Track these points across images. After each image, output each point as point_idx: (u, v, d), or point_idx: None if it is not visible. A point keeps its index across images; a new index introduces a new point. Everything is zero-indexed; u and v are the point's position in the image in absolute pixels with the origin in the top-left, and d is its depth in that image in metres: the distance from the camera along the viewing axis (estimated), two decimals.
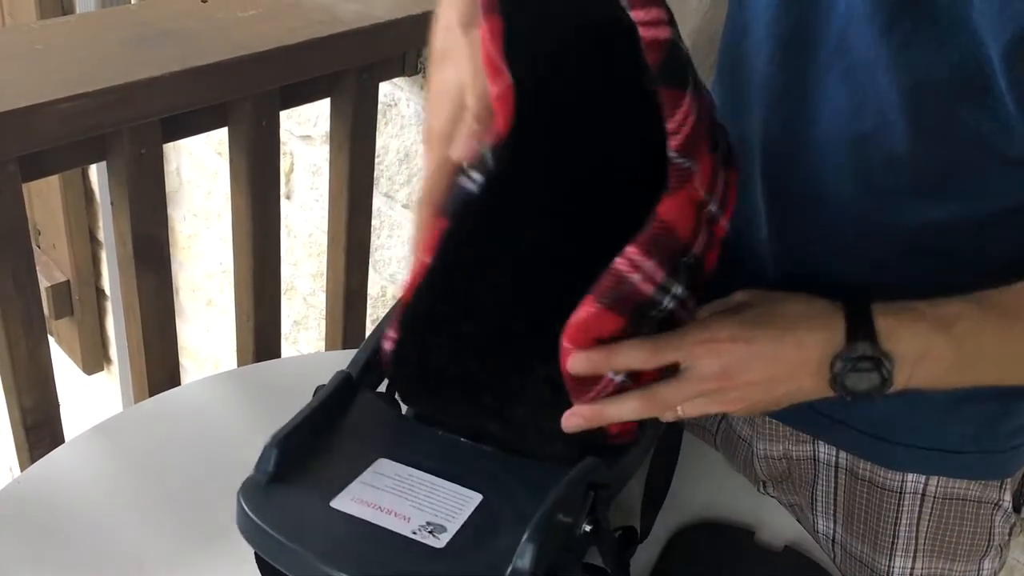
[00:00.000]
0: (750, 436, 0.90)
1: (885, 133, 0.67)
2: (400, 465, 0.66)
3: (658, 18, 0.55)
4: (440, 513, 0.62)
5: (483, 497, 0.64)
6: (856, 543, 0.87)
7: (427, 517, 0.62)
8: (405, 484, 0.64)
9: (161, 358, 1.16)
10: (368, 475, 0.64)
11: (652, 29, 0.55)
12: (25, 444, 1.08)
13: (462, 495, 0.64)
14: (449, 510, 0.63)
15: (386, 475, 0.65)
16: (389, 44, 1.17)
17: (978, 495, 0.82)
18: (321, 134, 1.49)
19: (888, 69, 0.65)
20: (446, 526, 0.61)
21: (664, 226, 0.59)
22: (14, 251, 0.96)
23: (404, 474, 0.65)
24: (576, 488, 0.63)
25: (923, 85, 0.64)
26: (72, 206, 2.05)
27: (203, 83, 1.00)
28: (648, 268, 0.61)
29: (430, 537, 0.60)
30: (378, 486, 0.64)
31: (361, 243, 1.29)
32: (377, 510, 0.62)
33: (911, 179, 0.67)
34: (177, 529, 0.81)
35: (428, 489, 0.64)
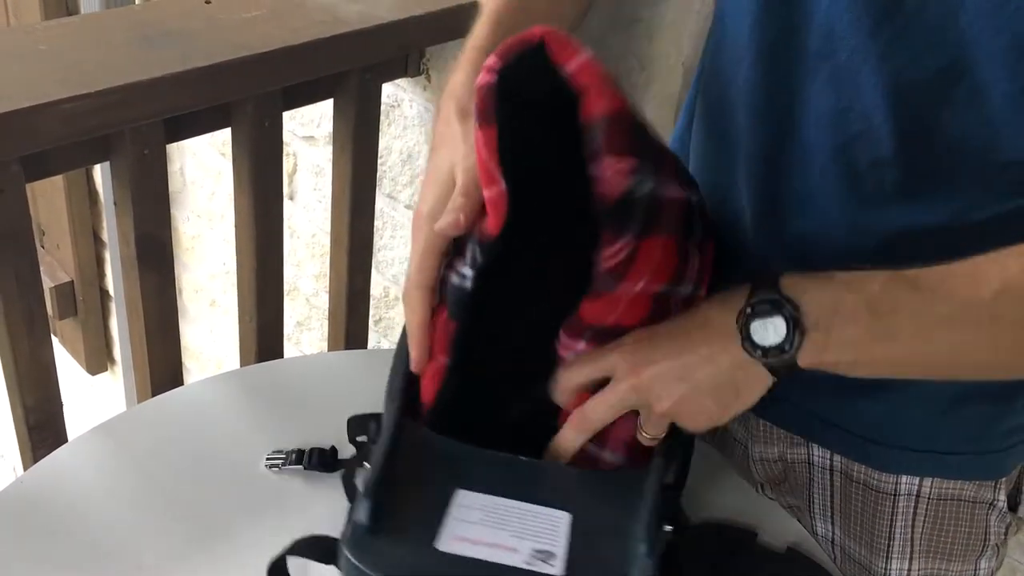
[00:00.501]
0: (745, 439, 0.90)
1: (870, 137, 0.67)
2: (480, 495, 0.65)
3: (623, 169, 0.60)
4: (541, 538, 0.62)
5: (570, 515, 0.64)
6: (853, 545, 0.87)
7: (532, 544, 0.62)
8: (494, 514, 0.64)
9: (164, 358, 1.16)
10: (457, 511, 0.64)
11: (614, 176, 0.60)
12: (28, 443, 1.08)
13: (552, 516, 0.64)
14: (548, 534, 0.63)
15: (474, 507, 0.65)
16: (392, 45, 1.17)
17: (973, 495, 0.82)
18: (324, 135, 1.49)
19: (873, 72, 0.65)
20: (553, 551, 0.62)
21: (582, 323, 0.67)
22: (18, 251, 0.96)
23: (489, 504, 0.65)
24: (660, 493, 0.64)
25: (908, 88, 0.64)
26: (76, 207, 2.06)
27: (206, 83, 1.00)
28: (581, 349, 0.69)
29: (544, 564, 0.61)
30: (472, 520, 0.63)
31: (364, 244, 1.29)
32: (483, 546, 0.62)
33: (897, 183, 0.67)
34: (179, 529, 0.81)
35: (517, 515, 0.64)
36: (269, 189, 1.15)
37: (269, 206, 1.16)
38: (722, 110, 0.77)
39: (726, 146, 0.77)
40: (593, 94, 0.60)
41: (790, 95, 0.70)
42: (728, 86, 0.75)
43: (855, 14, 0.64)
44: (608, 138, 0.60)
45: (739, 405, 0.67)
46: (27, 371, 1.04)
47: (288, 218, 1.51)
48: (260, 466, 0.87)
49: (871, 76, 0.65)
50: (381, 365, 0.79)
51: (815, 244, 0.73)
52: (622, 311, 0.67)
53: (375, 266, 1.42)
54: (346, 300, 1.32)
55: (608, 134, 0.60)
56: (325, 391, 0.97)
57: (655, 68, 1.30)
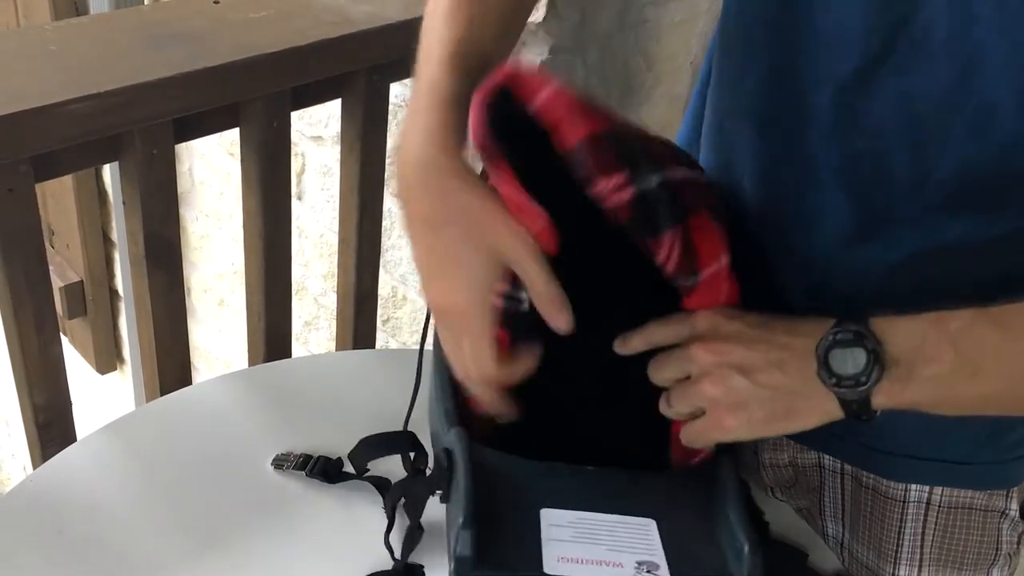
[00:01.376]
0: (755, 444, 0.90)
1: (878, 153, 0.66)
2: (563, 512, 0.65)
3: (619, 183, 0.59)
4: (639, 549, 0.62)
5: (655, 521, 0.64)
6: (862, 549, 0.87)
7: (634, 557, 0.62)
8: (586, 530, 0.63)
9: (172, 357, 1.17)
10: (548, 531, 0.63)
11: (615, 193, 0.59)
12: (37, 442, 1.08)
13: (639, 524, 0.64)
14: (642, 544, 0.62)
15: (563, 525, 0.64)
16: (400, 45, 1.17)
17: (984, 504, 0.82)
18: (332, 135, 1.50)
19: (881, 88, 0.64)
20: (655, 561, 0.61)
21: None
22: (27, 250, 0.97)
23: (575, 519, 0.64)
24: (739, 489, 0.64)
25: (917, 104, 0.63)
26: (86, 207, 2.06)
27: (214, 84, 1.00)
28: None
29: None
30: (566, 539, 0.62)
31: (372, 243, 1.30)
32: (589, 564, 0.61)
33: (905, 200, 0.66)
34: (186, 527, 0.81)
35: (607, 529, 0.64)
36: (277, 189, 1.15)
37: (277, 206, 1.16)
38: (727, 122, 0.77)
39: (730, 158, 0.77)
40: (563, 127, 0.59)
41: (795, 110, 0.69)
42: (733, 99, 0.75)
43: (864, 29, 0.63)
44: (592, 161, 0.59)
45: (783, 427, 0.64)
46: (37, 370, 1.04)
47: (296, 218, 1.52)
48: (267, 466, 0.87)
49: (879, 92, 0.64)
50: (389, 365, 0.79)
51: (822, 258, 0.72)
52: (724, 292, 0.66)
53: (383, 266, 1.43)
54: (354, 300, 1.32)
55: (590, 158, 0.59)
56: (333, 391, 0.97)
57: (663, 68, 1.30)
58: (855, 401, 0.61)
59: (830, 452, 0.85)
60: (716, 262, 0.64)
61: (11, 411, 2.53)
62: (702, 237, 0.63)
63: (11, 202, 0.93)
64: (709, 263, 0.64)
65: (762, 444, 0.89)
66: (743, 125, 0.74)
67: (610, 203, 0.60)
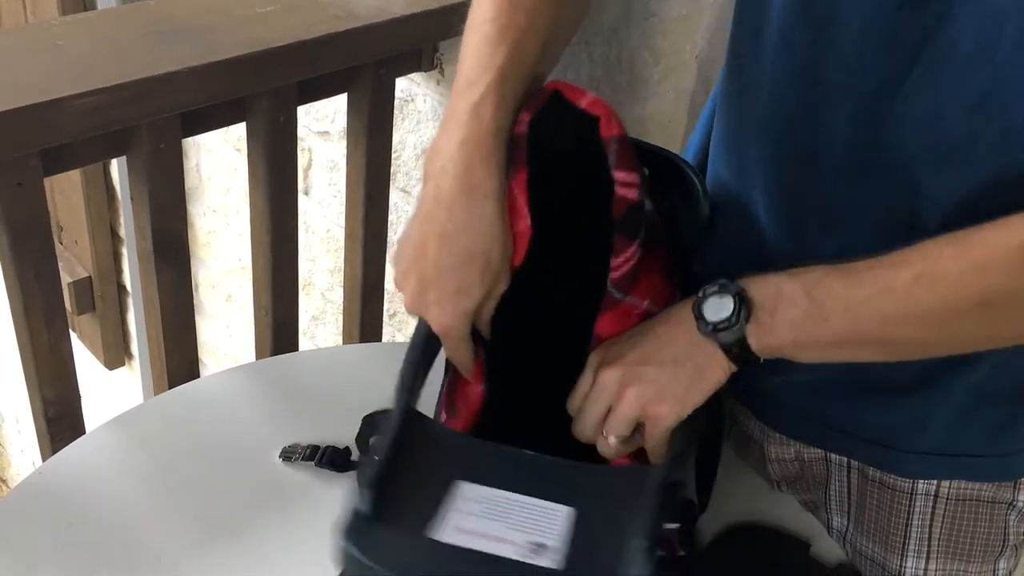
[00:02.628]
0: (761, 439, 0.90)
1: (896, 170, 0.67)
2: (483, 487, 0.66)
3: (632, 182, 0.69)
4: (539, 532, 0.63)
5: (573, 509, 0.65)
6: (868, 542, 0.86)
7: (528, 538, 0.62)
8: (495, 507, 0.65)
9: (180, 352, 1.17)
10: (456, 502, 0.65)
11: (625, 189, 0.69)
12: (47, 436, 1.09)
13: (553, 510, 0.65)
14: (545, 527, 0.63)
15: (473, 499, 0.65)
16: (406, 39, 1.17)
17: (991, 496, 0.82)
18: (339, 130, 1.50)
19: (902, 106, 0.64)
20: (548, 543, 0.62)
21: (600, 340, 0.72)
22: (36, 245, 0.97)
23: (490, 496, 0.65)
24: (667, 491, 0.64)
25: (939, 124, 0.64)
26: (94, 203, 2.06)
27: (221, 78, 1.01)
28: None
29: (537, 557, 0.61)
30: (471, 512, 0.64)
31: (378, 238, 1.30)
32: (478, 537, 0.62)
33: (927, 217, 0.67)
34: (194, 520, 0.82)
35: (518, 508, 0.65)
36: (284, 184, 1.15)
37: (284, 201, 1.16)
38: (740, 134, 0.77)
39: (744, 170, 0.77)
40: (605, 121, 0.70)
41: (811, 124, 0.70)
42: (747, 110, 0.75)
43: (886, 47, 0.64)
44: (619, 155, 0.69)
45: (703, 388, 0.69)
46: (46, 364, 1.05)
47: (303, 213, 1.52)
48: (274, 458, 0.87)
49: (899, 110, 0.65)
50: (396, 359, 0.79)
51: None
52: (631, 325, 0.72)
53: (389, 260, 1.43)
54: (360, 294, 1.32)
55: (619, 151, 0.69)
56: (339, 384, 0.97)
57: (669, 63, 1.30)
58: (734, 343, 0.66)
59: (839, 452, 0.85)
60: (642, 299, 0.72)
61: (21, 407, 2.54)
62: (645, 275, 0.71)
63: (20, 196, 0.93)
64: (638, 294, 0.71)
65: (768, 439, 0.89)
66: (755, 141, 0.74)
67: (619, 192, 0.69)
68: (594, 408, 0.70)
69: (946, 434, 0.80)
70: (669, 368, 0.68)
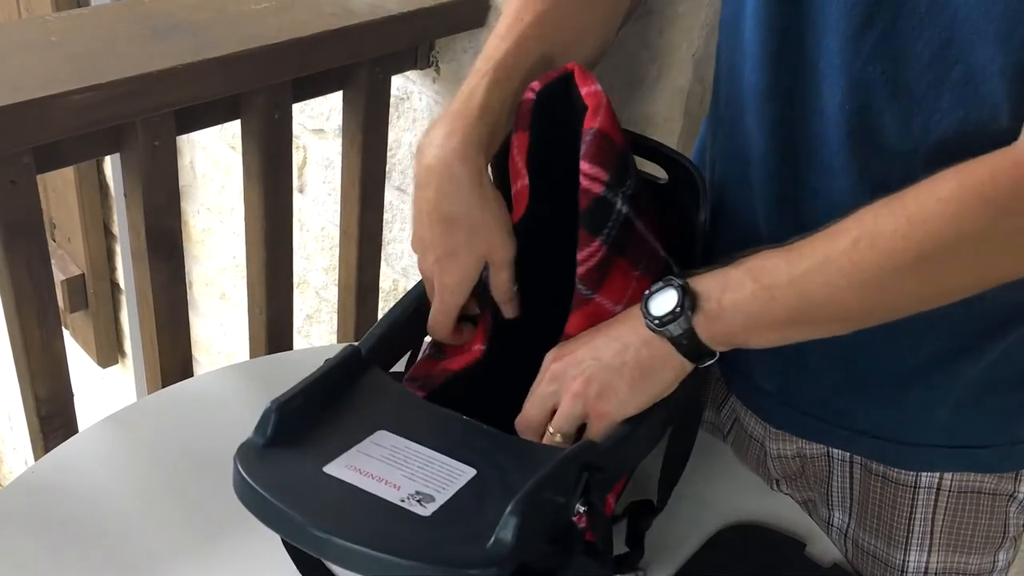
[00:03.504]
0: (762, 436, 0.90)
1: (874, 128, 0.68)
2: (398, 438, 0.67)
3: (599, 177, 0.69)
4: (431, 485, 0.63)
5: (476, 472, 0.65)
6: (870, 537, 0.87)
7: (417, 487, 0.63)
8: (400, 455, 0.66)
9: (173, 350, 1.16)
10: (365, 444, 0.66)
11: (589, 182, 0.69)
12: (39, 434, 1.09)
13: (456, 469, 0.65)
14: (441, 482, 0.64)
15: (383, 446, 0.66)
16: (401, 37, 1.17)
17: (993, 487, 0.82)
18: (334, 128, 1.49)
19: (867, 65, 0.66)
20: (435, 496, 0.62)
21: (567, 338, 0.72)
22: (29, 242, 0.97)
23: (401, 446, 0.66)
24: (567, 468, 0.64)
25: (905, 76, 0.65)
26: (87, 200, 2.06)
27: (216, 75, 1.00)
28: None
29: (417, 506, 0.61)
30: (373, 455, 0.65)
31: (373, 237, 1.29)
32: (368, 477, 0.63)
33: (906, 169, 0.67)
34: (188, 519, 0.81)
35: (423, 462, 0.65)
36: (278, 182, 1.15)
37: (278, 199, 1.16)
38: (732, 111, 0.78)
39: (739, 146, 0.78)
40: (592, 113, 0.70)
41: (793, 96, 0.71)
42: (736, 88, 0.76)
43: (843, 11, 0.66)
44: (590, 147, 0.68)
45: (650, 388, 0.69)
46: (39, 362, 1.04)
47: (298, 211, 1.51)
48: None
49: (866, 69, 0.66)
50: None
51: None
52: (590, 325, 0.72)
53: (384, 259, 1.42)
54: (355, 293, 1.32)
55: (592, 144, 0.68)
56: None
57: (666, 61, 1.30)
58: (683, 336, 0.67)
59: (844, 448, 0.85)
60: (615, 303, 0.72)
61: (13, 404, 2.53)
62: (617, 277, 0.71)
63: (13, 193, 0.93)
64: (607, 296, 0.71)
65: (769, 435, 0.88)
66: (746, 114, 0.75)
67: (583, 184, 0.69)
68: (539, 403, 0.71)
69: (951, 426, 0.80)
70: (616, 366, 0.68)
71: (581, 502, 0.64)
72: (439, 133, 0.71)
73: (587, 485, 0.64)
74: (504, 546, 0.58)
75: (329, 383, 0.69)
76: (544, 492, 0.61)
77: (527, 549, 0.59)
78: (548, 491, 0.62)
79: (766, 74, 0.72)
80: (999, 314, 0.75)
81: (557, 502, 0.63)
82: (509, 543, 0.58)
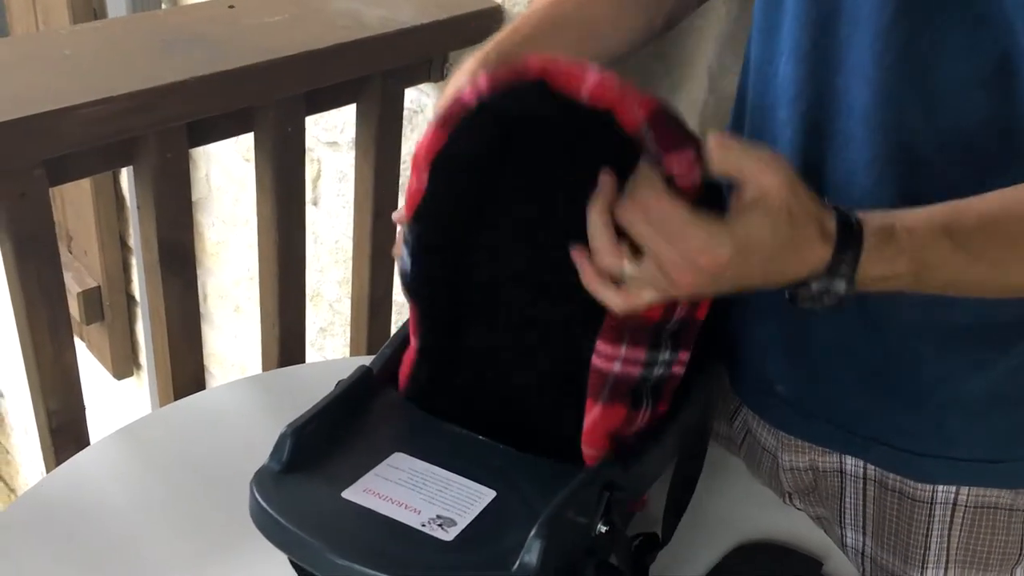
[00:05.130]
0: (775, 447, 0.88)
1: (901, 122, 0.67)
2: (415, 460, 0.66)
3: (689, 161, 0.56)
4: (451, 508, 0.62)
5: (496, 494, 0.64)
6: (887, 555, 0.85)
7: (438, 511, 0.62)
8: (419, 478, 0.65)
9: (187, 362, 1.16)
10: (382, 468, 0.65)
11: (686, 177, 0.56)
12: (51, 447, 1.09)
13: (475, 491, 0.64)
14: (461, 505, 0.63)
15: (400, 468, 0.65)
16: (414, 50, 1.17)
17: (1010, 503, 0.81)
18: (348, 140, 1.49)
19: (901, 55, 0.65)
20: (456, 520, 0.61)
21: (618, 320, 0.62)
22: (41, 255, 0.97)
23: (419, 468, 0.65)
24: (589, 488, 0.63)
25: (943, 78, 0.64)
26: (103, 213, 2.07)
27: (228, 88, 1.00)
28: (626, 354, 0.64)
29: (439, 530, 0.60)
30: (391, 479, 0.64)
31: (386, 249, 1.29)
32: (388, 502, 0.62)
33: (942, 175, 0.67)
34: (199, 532, 0.81)
35: (442, 484, 0.64)
36: (292, 194, 1.15)
37: (291, 211, 1.16)
38: (762, 104, 0.77)
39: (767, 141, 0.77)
40: (622, 108, 0.58)
41: (824, 89, 0.70)
42: (769, 82, 0.76)
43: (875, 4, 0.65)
44: (659, 138, 0.57)
45: (780, 269, 0.59)
46: (51, 375, 1.04)
47: (312, 223, 1.51)
48: None
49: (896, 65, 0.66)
50: None
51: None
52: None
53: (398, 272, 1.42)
54: (368, 306, 1.31)
55: (658, 135, 0.57)
56: None
57: (680, 73, 1.29)
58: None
59: (862, 457, 0.83)
60: None
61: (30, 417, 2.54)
62: None
63: (25, 206, 0.93)
64: None
65: (782, 447, 0.87)
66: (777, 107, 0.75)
67: (682, 183, 0.57)
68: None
69: (966, 438, 0.79)
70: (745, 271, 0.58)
71: (603, 522, 0.63)
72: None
73: (608, 504, 0.63)
74: (529, 570, 0.57)
75: (343, 406, 0.68)
76: (567, 513, 0.60)
77: (551, 572, 0.58)
78: (570, 512, 0.61)
79: (800, 67, 0.72)
80: (1015, 326, 0.74)
81: (579, 523, 0.62)
82: (534, 567, 0.57)
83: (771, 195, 0.56)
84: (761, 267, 0.58)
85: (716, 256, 0.56)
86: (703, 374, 0.74)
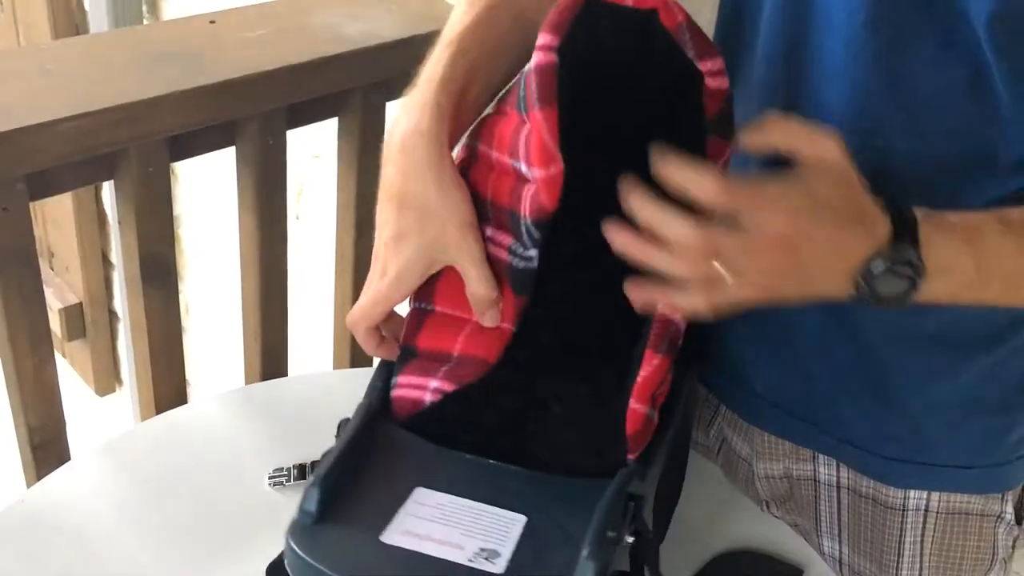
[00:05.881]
0: (750, 456, 0.89)
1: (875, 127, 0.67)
2: (438, 493, 0.65)
3: (718, 69, 0.63)
4: (490, 538, 0.62)
5: (527, 518, 0.64)
6: (863, 563, 0.86)
7: (479, 544, 0.61)
8: (448, 512, 0.64)
9: (168, 376, 1.16)
10: (411, 506, 0.64)
11: (715, 79, 0.63)
12: (32, 463, 1.08)
13: (506, 518, 0.64)
14: (498, 534, 0.62)
15: (428, 505, 0.64)
16: (395, 64, 1.17)
17: (980, 508, 0.81)
18: (330, 153, 1.50)
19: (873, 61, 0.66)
20: (499, 551, 0.61)
21: None
22: (22, 269, 0.97)
23: (445, 502, 0.65)
24: (618, 501, 0.63)
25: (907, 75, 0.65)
26: (85, 229, 2.06)
27: (210, 101, 1.00)
28: None
29: (487, 563, 0.60)
30: (423, 516, 0.63)
31: (369, 263, 1.29)
32: (428, 541, 0.61)
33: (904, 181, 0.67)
34: (182, 547, 0.80)
35: (472, 515, 0.64)
36: (274, 207, 1.15)
37: (274, 225, 1.16)
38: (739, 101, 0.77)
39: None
40: (665, 8, 0.64)
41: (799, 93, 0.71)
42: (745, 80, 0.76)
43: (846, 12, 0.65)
44: (696, 41, 0.63)
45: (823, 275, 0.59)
46: (31, 390, 1.04)
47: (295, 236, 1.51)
48: (263, 484, 0.86)
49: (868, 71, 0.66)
50: None
51: None
52: None
53: None
54: None
55: (693, 38, 0.63)
56: (330, 409, 0.96)
57: None
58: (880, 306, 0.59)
59: (830, 454, 0.84)
60: None
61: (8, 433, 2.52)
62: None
63: (5, 221, 0.93)
64: None
65: (757, 455, 0.88)
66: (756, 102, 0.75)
67: (711, 85, 0.62)
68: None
69: (936, 444, 0.80)
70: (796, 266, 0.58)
71: (630, 532, 0.63)
72: (401, 110, 0.68)
73: (635, 514, 0.64)
74: None
75: (358, 447, 0.67)
76: (606, 529, 0.61)
77: None
78: (608, 528, 0.61)
79: (772, 70, 0.72)
80: (981, 338, 0.74)
81: (613, 537, 0.62)
82: None
83: (831, 159, 0.58)
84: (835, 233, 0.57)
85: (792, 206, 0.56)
86: (686, 379, 0.75)
